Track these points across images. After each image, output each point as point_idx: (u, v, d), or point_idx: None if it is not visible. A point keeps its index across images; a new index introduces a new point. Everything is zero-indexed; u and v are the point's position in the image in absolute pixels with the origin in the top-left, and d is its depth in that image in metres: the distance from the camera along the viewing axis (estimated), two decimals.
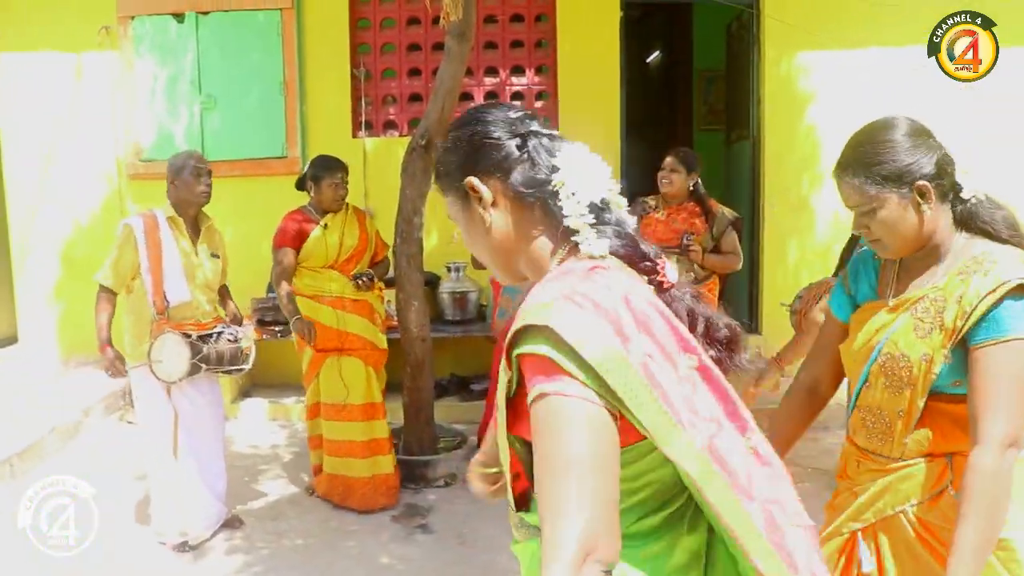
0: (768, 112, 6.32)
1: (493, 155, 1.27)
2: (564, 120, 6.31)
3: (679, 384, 1.10)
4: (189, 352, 3.68)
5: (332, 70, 6.40)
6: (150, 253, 3.73)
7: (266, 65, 6.37)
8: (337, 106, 6.43)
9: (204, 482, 3.90)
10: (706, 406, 1.13)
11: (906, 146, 1.71)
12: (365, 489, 4.25)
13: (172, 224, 3.83)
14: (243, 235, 6.03)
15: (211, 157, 6.31)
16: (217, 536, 3.97)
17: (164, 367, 3.67)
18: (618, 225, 1.26)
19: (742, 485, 1.11)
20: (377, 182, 6.24)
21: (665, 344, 1.12)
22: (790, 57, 6.25)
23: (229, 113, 6.43)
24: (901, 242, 1.74)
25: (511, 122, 1.28)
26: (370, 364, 4.31)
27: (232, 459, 4.99)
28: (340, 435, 4.25)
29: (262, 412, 6.00)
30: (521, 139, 1.27)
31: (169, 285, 3.76)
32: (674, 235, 4.40)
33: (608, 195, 1.28)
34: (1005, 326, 1.59)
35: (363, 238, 4.36)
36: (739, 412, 1.17)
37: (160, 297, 3.73)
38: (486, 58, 6.50)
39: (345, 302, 4.27)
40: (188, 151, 4.04)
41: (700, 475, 1.08)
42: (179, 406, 3.81)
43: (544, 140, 1.28)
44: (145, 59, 6.41)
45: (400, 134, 6.46)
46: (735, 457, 1.12)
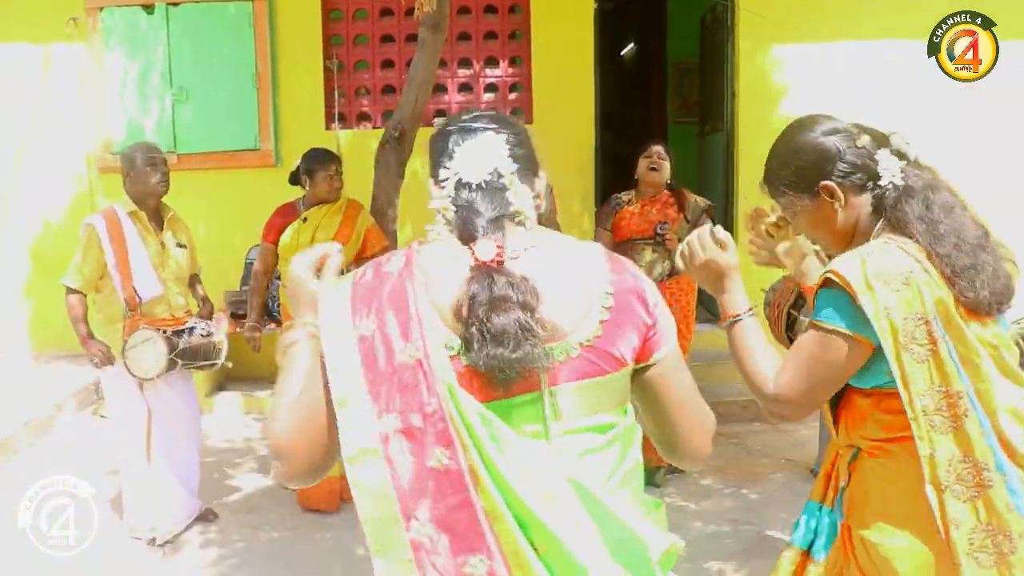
0: (742, 105, 6.37)
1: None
2: (538, 112, 6.33)
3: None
4: (166, 348, 3.65)
5: (305, 62, 6.38)
6: (115, 250, 3.69)
7: (238, 57, 6.33)
8: (310, 98, 6.41)
9: (177, 477, 3.89)
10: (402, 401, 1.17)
11: (807, 150, 1.75)
12: (332, 487, 4.11)
13: (134, 218, 3.79)
14: (216, 229, 6.01)
15: (183, 150, 6.34)
16: (192, 530, 3.97)
17: (140, 364, 3.64)
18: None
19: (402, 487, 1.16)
20: (351, 175, 6.17)
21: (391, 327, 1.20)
22: (764, 50, 6.30)
23: (201, 105, 6.38)
24: (831, 238, 1.79)
25: None
26: None
27: (207, 453, 4.97)
28: None
29: (237, 406, 5.98)
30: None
31: (139, 280, 3.72)
32: (648, 226, 4.43)
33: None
34: (814, 312, 1.68)
35: (343, 233, 4.25)
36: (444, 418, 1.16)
37: (131, 293, 3.70)
38: (460, 49, 6.50)
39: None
40: (141, 142, 4.00)
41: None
42: (152, 402, 3.79)
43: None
44: (115, 51, 6.35)
45: (374, 126, 6.45)
46: (406, 460, 1.16)
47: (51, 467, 4.53)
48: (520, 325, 1.17)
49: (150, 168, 3.76)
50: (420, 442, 1.15)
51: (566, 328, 1.24)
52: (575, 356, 1.24)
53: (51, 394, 5.60)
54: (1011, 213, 6.23)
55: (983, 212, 1.78)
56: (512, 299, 1.19)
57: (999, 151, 6.01)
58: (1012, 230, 2.09)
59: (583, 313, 1.26)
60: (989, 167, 5.80)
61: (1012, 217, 6.12)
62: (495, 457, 1.14)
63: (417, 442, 1.15)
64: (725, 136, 6.59)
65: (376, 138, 4.77)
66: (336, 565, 3.64)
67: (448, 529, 1.13)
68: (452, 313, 1.22)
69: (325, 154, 4.31)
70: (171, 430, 3.88)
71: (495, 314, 1.17)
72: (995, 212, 1.97)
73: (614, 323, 1.27)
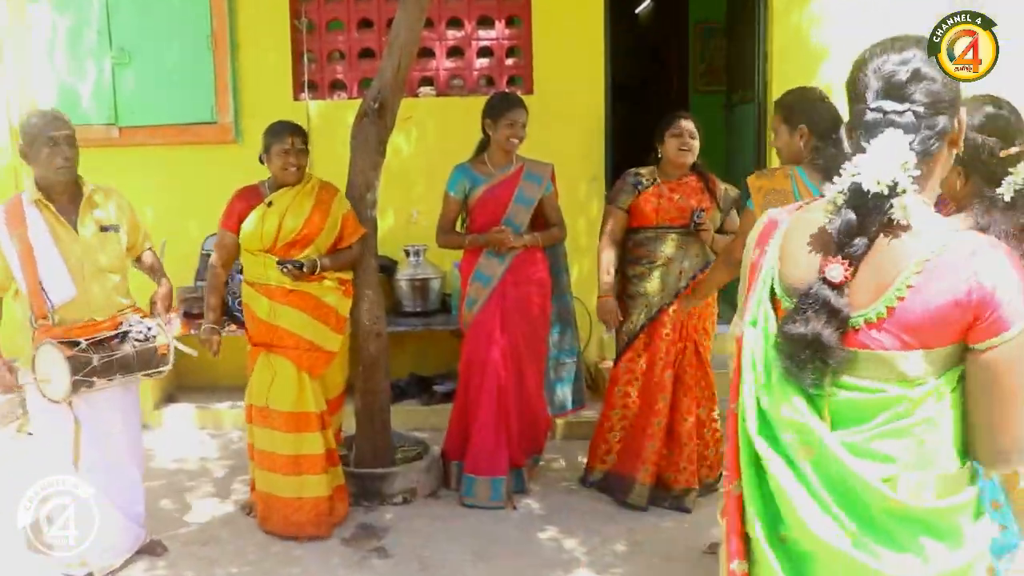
0: (776, 70, 6.36)
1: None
2: (540, 80, 6.32)
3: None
4: (68, 367, 3.47)
5: (269, 20, 6.35)
6: (19, 248, 3.56)
7: (190, 14, 6.29)
8: (275, 63, 6.38)
9: (114, 503, 3.83)
10: None
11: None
12: (289, 511, 4.15)
13: (40, 207, 3.64)
14: (166, 215, 5.99)
15: (126, 122, 6.32)
16: (135, 565, 3.95)
17: (50, 386, 3.54)
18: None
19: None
20: (323, 152, 6.18)
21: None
22: (801, 5, 6.29)
23: (147, 70, 6.35)
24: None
25: None
26: (303, 367, 4.18)
27: (155, 475, 4.98)
28: (265, 444, 4.21)
29: (189, 419, 5.98)
30: None
31: (49, 283, 3.59)
32: (678, 213, 4.41)
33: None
34: None
35: (315, 221, 4.22)
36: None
37: (39, 299, 3.57)
38: (449, 7, 6.49)
39: (277, 292, 4.17)
40: (41, 111, 3.79)
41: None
42: (81, 415, 3.70)
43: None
44: (42, 5, 6.30)
45: (349, 96, 6.44)
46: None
47: None
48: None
49: (50, 148, 3.58)
50: None
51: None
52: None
53: None
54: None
55: None
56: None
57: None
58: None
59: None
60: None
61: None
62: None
63: None
64: (756, 107, 6.59)
65: (352, 110, 4.75)
66: None
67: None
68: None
69: (280, 125, 4.27)
70: (105, 446, 3.80)
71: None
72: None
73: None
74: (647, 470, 4.43)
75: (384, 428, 4.77)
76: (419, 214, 6.21)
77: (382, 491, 4.62)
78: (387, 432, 4.79)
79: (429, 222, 5.29)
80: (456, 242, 4.76)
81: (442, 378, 6.17)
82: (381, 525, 4.38)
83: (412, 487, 4.66)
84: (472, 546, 4.14)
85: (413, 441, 5.11)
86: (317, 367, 4.25)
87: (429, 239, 5.33)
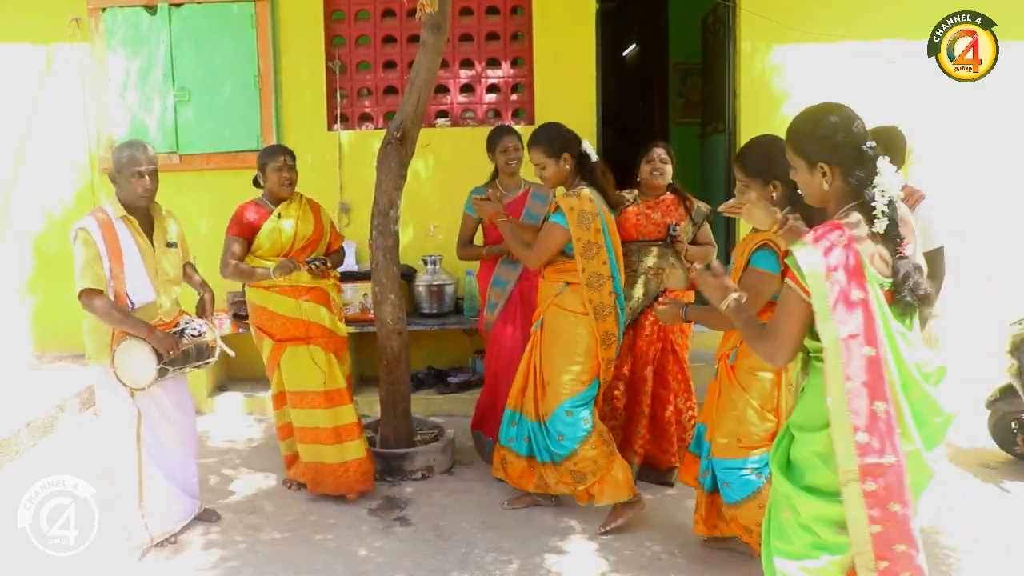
0: (744, 105, 6.37)
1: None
2: (540, 113, 6.33)
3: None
4: (155, 358, 3.55)
5: (307, 63, 6.38)
6: (110, 254, 3.58)
7: (240, 57, 6.34)
8: (312, 99, 6.41)
9: (170, 478, 3.85)
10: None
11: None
12: (338, 474, 4.26)
13: (126, 223, 3.67)
14: (218, 229, 5.93)
15: (185, 150, 6.35)
16: (193, 530, 3.96)
17: (131, 374, 3.56)
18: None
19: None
20: (353, 175, 6.23)
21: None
22: (766, 50, 6.30)
23: (203, 106, 6.39)
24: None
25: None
26: (330, 351, 4.30)
27: (208, 454, 4.98)
28: (307, 422, 4.26)
29: (238, 406, 5.99)
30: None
31: (132, 286, 3.62)
32: (654, 228, 4.40)
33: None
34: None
35: (318, 228, 4.36)
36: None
37: (123, 301, 3.60)
38: (462, 50, 6.50)
39: (302, 291, 4.26)
40: (130, 142, 3.78)
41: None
42: (142, 405, 3.72)
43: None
44: (116, 52, 6.36)
45: (375, 127, 6.45)
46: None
47: (53, 467, 4.54)
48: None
49: (137, 179, 3.62)
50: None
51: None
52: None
53: (53, 394, 5.60)
54: (1011, 212, 6.23)
55: (982, 211, 1.83)
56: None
57: (999, 151, 6.00)
58: (1012, 229, 2.13)
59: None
60: (989, 166, 5.81)
61: (1012, 216, 6.13)
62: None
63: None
64: (727, 137, 6.59)
65: (378, 139, 4.76)
66: (338, 566, 3.64)
67: (869, 387, 2.02)
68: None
69: (274, 148, 4.43)
70: (164, 431, 3.83)
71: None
72: (995, 211, 2.01)
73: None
74: (636, 453, 4.41)
75: (405, 414, 4.76)
76: (435, 228, 6.22)
77: (403, 468, 4.61)
78: (407, 417, 4.78)
79: (444, 235, 5.30)
80: (474, 254, 4.80)
81: (455, 371, 6.17)
82: (403, 498, 4.37)
83: (430, 465, 4.66)
84: (482, 516, 4.13)
85: (430, 425, 5.11)
86: (340, 350, 4.37)
87: (444, 250, 5.34)
